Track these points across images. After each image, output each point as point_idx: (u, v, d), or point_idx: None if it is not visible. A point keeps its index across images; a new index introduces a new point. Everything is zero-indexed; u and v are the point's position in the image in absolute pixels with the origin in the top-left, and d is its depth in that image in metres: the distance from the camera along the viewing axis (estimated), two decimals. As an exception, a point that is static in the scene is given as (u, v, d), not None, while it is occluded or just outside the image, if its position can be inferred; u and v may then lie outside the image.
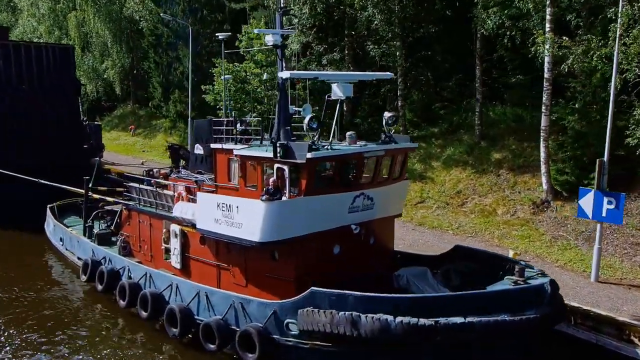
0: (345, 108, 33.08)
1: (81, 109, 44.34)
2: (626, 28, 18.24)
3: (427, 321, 12.65)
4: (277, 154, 15.00)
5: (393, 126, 17.47)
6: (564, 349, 16.09)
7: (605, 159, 18.59)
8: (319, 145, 15.35)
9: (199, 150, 20.55)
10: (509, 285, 13.93)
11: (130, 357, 17.19)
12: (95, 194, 25.80)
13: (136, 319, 19.15)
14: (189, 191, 19.30)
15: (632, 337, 15.22)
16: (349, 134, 16.64)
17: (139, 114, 61.29)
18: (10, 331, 18.78)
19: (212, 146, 17.94)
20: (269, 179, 15.53)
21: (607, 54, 19.33)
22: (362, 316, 13.21)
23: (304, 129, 15.71)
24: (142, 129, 57.67)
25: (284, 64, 17.63)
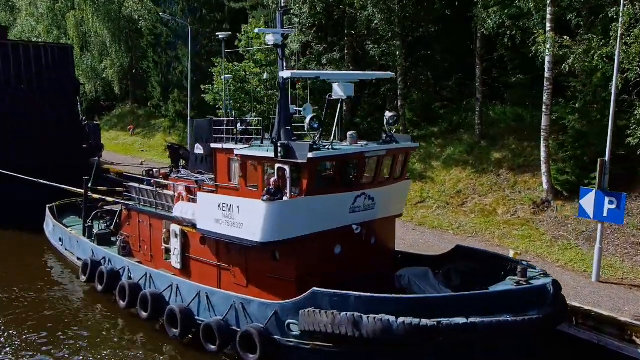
0: (345, 108, 32.98)
1: (80, 108, 44.14)
2: (627, 27, 18.21)
3: (429, 322, 12.59)
4: (278, 154, 14.94)
5: (394, 126, 17.42)
6: (566, 349, 16.04)
7: (606, 158, 18.55)
8: (320, 145, 15.29)
9: (199, 150, 20.46)
10: (511, 285, 13.88)
11: (130, 358, 17.14)
12: (95, 194, 25.73)
13: (136, 319, 19.09)
14: (189, 191, 19.23)
15: (634, 338, 15.18)
16: (350, 133, 16.55)
17: (137, 114, 61.19)
18: (10, 332, 18.72)
19: (213, 146, 17.87)
20: (270, 179, 15.48)
21: (608, 53, 19.31)
22: (364, 317, 13.15)
23: (304, 128, 15.65)
24: (141, 128, 57.56)
25: (284, 64, 17.55)
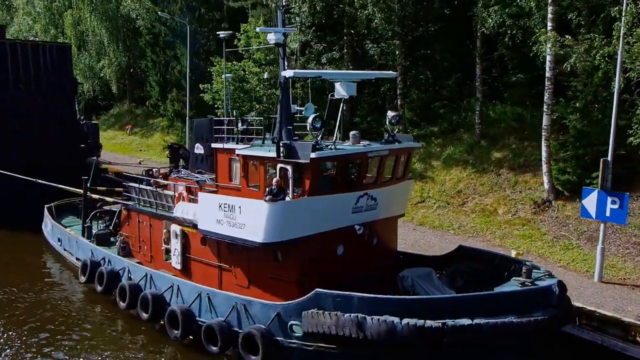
0: (345, 107, 32.87)
1: (77, 107, 43.93)
2: (630, 27, 18.16)
3: (434, 323, 12.50)
4: (281, 154, 14.84)
5: (396, 125, 17.32)
6: (569, 350, 15.97)
7: (609, 158, 18.49)
8: (323, 144, 15.18)
9: (199, 149, 20.32)
10: (516, 286, 13.79)
11: (131, 359, 17.00)
12: (94, 194, 25.58)
13: (136, 320, 18.95)
14: (189, 191, 19.11)
15: (638, 338, 15.12)
16: (353, 133, 16.42)
17: (135, 113, 61.02)
18: (10, 333, 18.56)
19: (213, 146, 17.74)
20: (272, 179, 15.36)
21: (610, 52, 19.25)
22: (368, 318, 13.05)
23: (306, 128, 15.52)
24: (139, 128, 57.36)
25: (285, 63, 17.43)
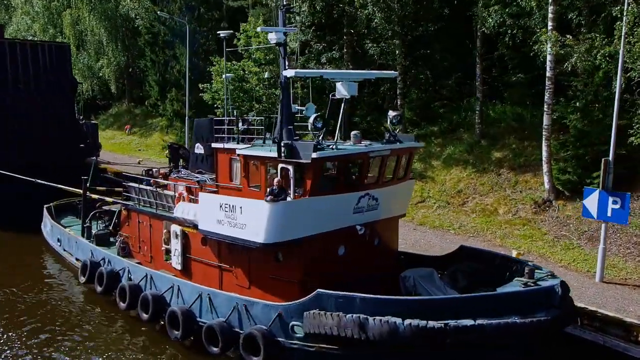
0: (345, 107, 32.81)
1: (76, 107, 43.84)
2: (631, 27, 18.13)
3: (436, 324, 12.45)
4: (282, 154, 14.78)
5: (398, 125, 17.26)
6: (571, 350, 15.94)
7: (610, 158, 18.46)
8: (324, 144, 15.13)
9: (199, 149, 20.25)
10: (519, 287, 13.73)
11: (131, 360, 16.99)
12: (94, 194, 25.50)
13: (137, 321, 18.88)
14: (189, 191, 19.04)
15: (640, 338, 15.13)
16: (354, 133, 16.36)
17: (134, 113, 60.90)
18: (9, 334, 18.48)
19: (213, 145, 17.67)
20: (273, 179, 15.31)
21: (611, 52, 19.22)
22: (370, 319, 12.99)
23: (306, 128, 15.44)
24: (137, 127, 57.25)
25: (286, 62, 17.35)
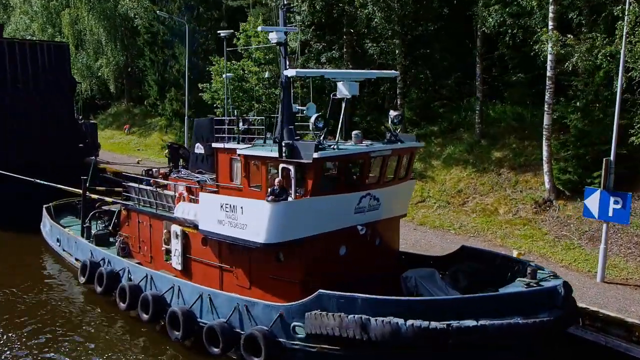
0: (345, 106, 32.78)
1: (75, 107, 43.76)
2: (633, 26, 18.10)
3: (438, 324, 12.40)
4: (283, 154, 14.73)
5: (399, 125, 17.21)
6: (573, 350, 15.89)
7: (611, 157, 18.42)
8: (325, 144, 15.07)
9: (199, 149, 20.19)
10: (521, 287, 13.70)
11: (132, 360, 16.94)
12: (94, 194, 25.43)
13: (137, 321, 18.82)
14: (190, 191, 18.98)
15: (642, 339, 15.09)
16: (355, 133, 16.31)
17: (133, 112, 60.79)
18: (9, 335, 18.42)
19: (214, 145, 17.61)
20: (274, 179, 15.26)
21: (612, 52, 19.20)
22: (372, 319, 12.95)
23: (306, 127, 15.39)
24: (137, 127, 57.15)
25: (287, 62, 17.29)
